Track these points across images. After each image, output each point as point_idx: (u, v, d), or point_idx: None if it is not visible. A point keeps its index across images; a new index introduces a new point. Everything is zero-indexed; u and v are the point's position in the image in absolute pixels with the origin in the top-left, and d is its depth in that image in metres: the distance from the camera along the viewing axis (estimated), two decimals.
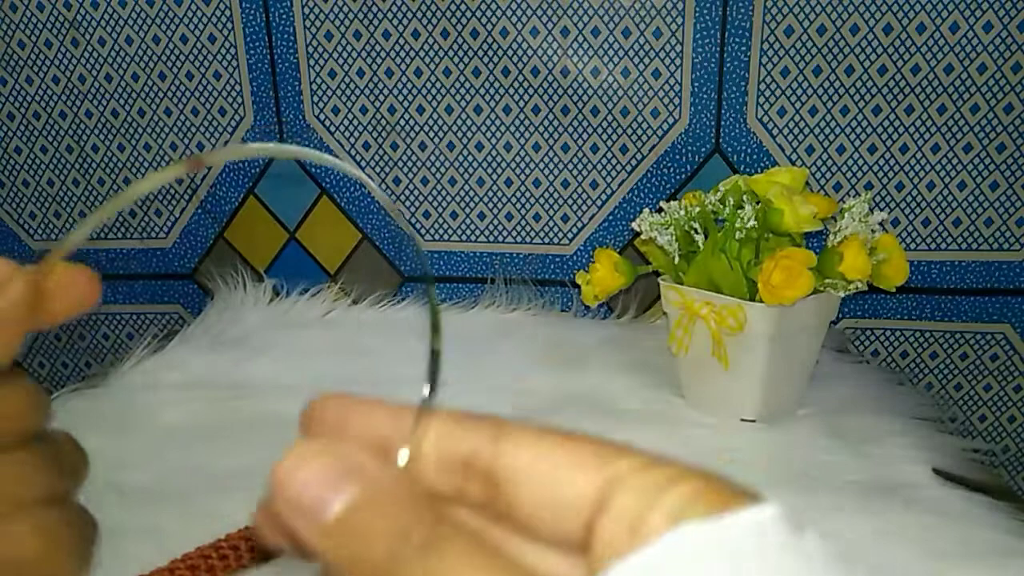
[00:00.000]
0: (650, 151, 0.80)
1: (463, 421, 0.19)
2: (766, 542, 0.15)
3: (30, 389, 0.23)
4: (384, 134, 0.81)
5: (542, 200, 0.84)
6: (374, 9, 0.79)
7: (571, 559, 0.17)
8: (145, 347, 0.73)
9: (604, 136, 0.80)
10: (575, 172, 0.83)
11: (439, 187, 0.85)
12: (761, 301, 0.55)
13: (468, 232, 0.86)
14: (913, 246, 0.80)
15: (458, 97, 0.82)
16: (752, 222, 0.56)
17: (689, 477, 0.16)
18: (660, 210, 0.62)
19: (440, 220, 0.86)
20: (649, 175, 0.81)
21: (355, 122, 0.84)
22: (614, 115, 0.79)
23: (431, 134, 0.83)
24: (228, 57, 0.83)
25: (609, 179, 0.82)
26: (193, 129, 0.86)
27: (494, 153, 0.83)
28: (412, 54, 0.81)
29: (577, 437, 0.18)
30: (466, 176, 0.84)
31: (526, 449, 0.18)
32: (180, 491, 0.50)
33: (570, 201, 0.84)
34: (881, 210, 0.78)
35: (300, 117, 0.84)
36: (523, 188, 0.84)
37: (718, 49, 0.76)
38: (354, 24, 0.80)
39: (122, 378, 0.68)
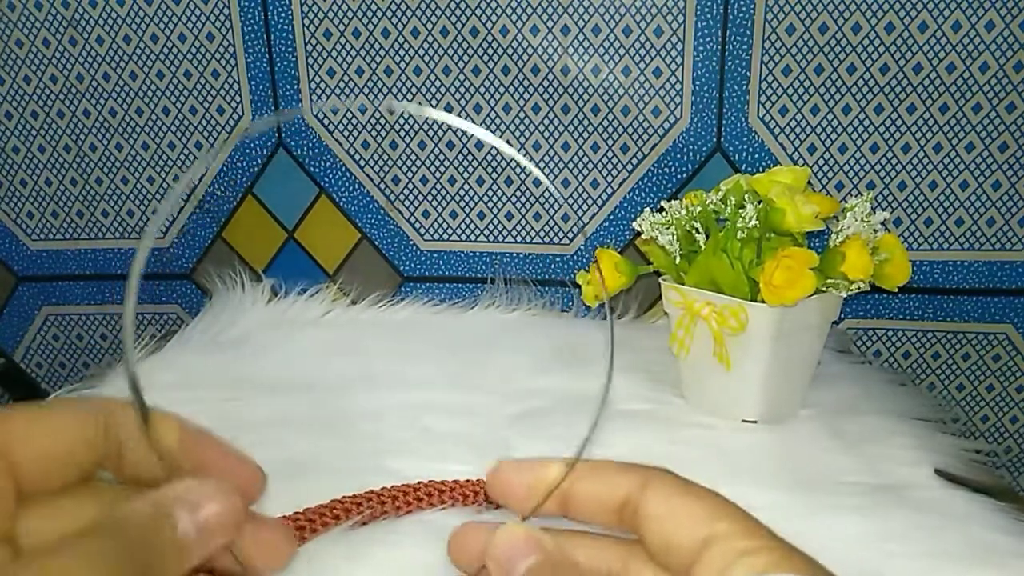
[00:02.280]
0: (651, 150, 0.80)
1: (620, 470, 0.25)
2: None
3: None
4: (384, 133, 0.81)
5: (542, 199, 0.84)
6: (373, 7, 0.79)
7: None
8: (143, 347, 0.73)
9: (605, 135, 0.80)
10: (575, 171, 0.82)
11: (439, 186, 0.85)
12: (763, 301, 0.55)
13: (468, 232, 0.86)
14: (915, 246, 0.80)
15: (458, 96, 0.81)
16: (754, 222, 0.55)
17: (771, 550, 0.21)
18: (661, 209, 0.62)
19: (440, 220, 0.86)
20: (650, 174, 0.81)
21: (354, 121, 0.83)
22: (615, 114, 0.79)
23: (430, 133, 0.83)
24: (227, 56, 0.82)
25: (610, 178, 0.82)
26: (191, 128, 0.86)
27: (494, 152, 0.83)
28: (411, 52, 0.80)
29: (701, 493, 0.23)
30: (466, 175, 0.84)
31: (661, 498, 0.23)
32: None
33: (570, 201, 0.83)
34: (883, 209, 0.77)
35: (299, 116, 0.84)
36: (523, 187, 0.84)
37: (719, 48, 0.76)
38: (353, 22, 0.80)
39: (120, 378, 0.67)
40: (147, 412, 0.22)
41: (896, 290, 0.59)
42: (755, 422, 0.60)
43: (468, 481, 0.49)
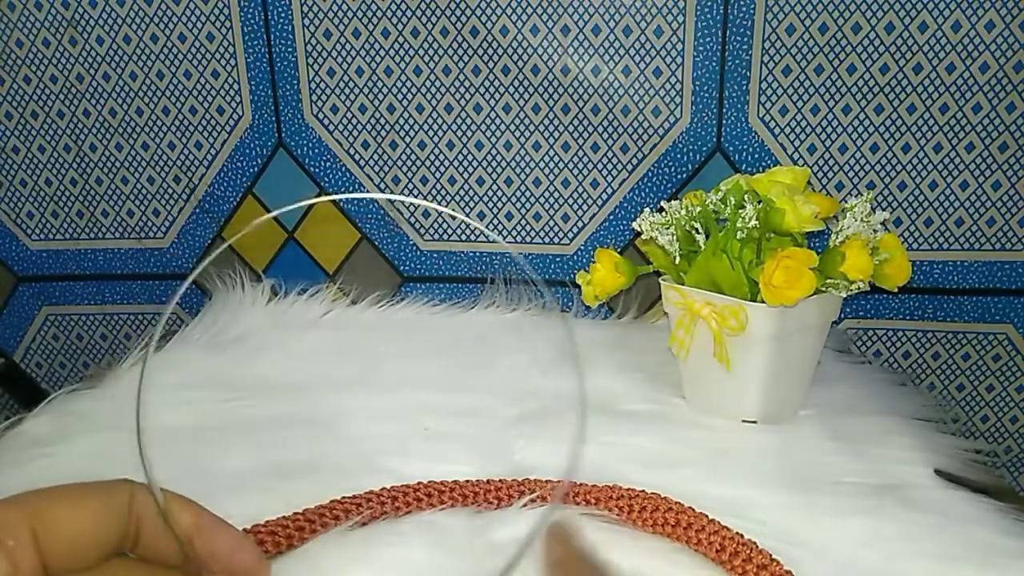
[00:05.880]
0: (651, 150, 0.80)
1: None
2: None
3: None
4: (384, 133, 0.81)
5: (542, 199, 0.84)
6: (373, 7, 0.79)
7: None
8: (143, 348, 0.73)
9: (605, 135, 0.80)
10: (575, 171, 0.82)
11: (439, 186, 0.85)
12: (762, 301, 0.55)
13: (468, 232, 0.86)
14: (915, 246, 0.80)
15: (458, 96, 0.81)
16: (753, 222, 0.55)
17: None
18: (661, 210, 0.61)
19: (440, 220, 0.86)
20: (650, 174, 0.81)
21: (354, 121, 0.83)
22: (615, 114, 0.79)
23: (431, 133, 0.83)
24: (226, 56, 0.82)
25: (610, 178, 0.82)
26: (191, 128, 0.85)
27: (494, 152, 0.83)
28: (411, 52, 0.80)
29: None
30: (466, 175, 0.84)
31: None
32: (180, 492, 0.49)
33: (570, 200, 0.83)
34: (883, 210, 0.77)
35: (299, 116, 0.83)
36: (523, 187, 0.84)
37: (719, 48, 0.75)
38: (353, 22, 0.80)
39: (120, 379, 0.67)
40: (162, 499, 0.23)
41: (896, 290, 0.59)
42: (755, 422, 0.60)
43: (468, 481, 0.49)
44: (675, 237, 0.60)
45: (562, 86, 0.79)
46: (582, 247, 0.85)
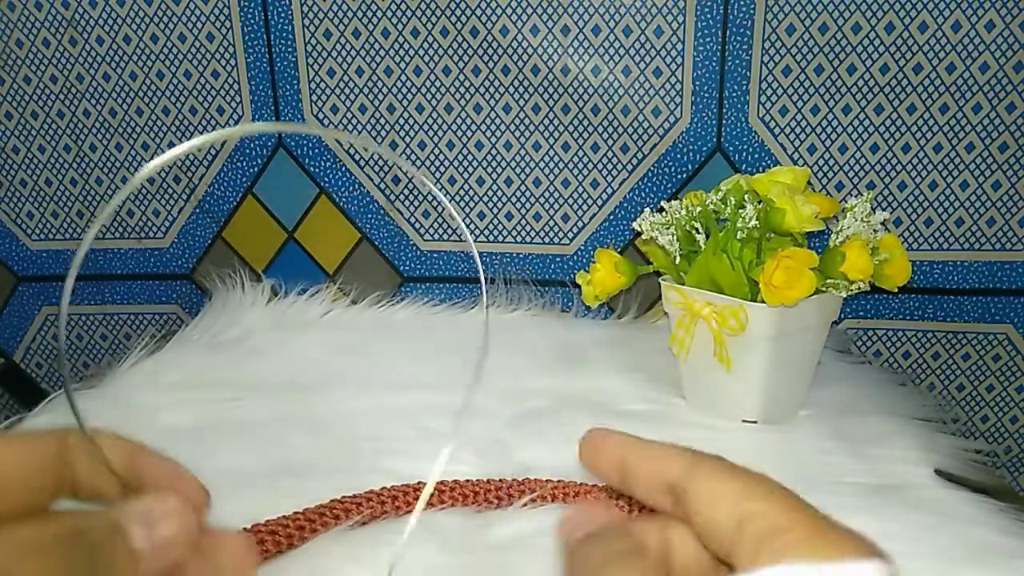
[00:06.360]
0: (651, 150, 0.80)
1: (674, 452, 0.26)
2: None
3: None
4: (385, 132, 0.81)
5: (542, 200, 0.84)
6: (373, 7, 0.79)
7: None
8: (143, 348, 0.73)
9: (605, 135, 0.80)
10: (575, 171, 0.82)
11: (438, 186, 0.85)
12: (763, 301, 0.55)
13: (468, 231, 0.86)
14: (915, 246, 0.80)
15: (458, 96, 0.81)
16: (754, 222, 0.55)
17: (803, 528, 0.21)
18: (661, 210, 0.62)
19: (440, 219, 0.86)
20: (650, 174, 0.81)
21: (354, 121, 0.83)
22: (615, 114, 0.79)
23: (430, 133, 0.83)
24: (227, 56, 0.82)
25: (610, 178, 0.82)
26: (191, 128, 0.85)
27: (494, 152, 0.83)
28: (411, 53, 0.80)
29: (742, 475, 0.24)
30: (466, 175, 0.84)
31: (704, 482, 0.24)
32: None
33: (570, 201, 0.83)
34: (883, 210, 0.77)
35: (299, 116, 0.83)
36: (523, 187, 0.84)
37: (719, 47, 0.75)
38: (353, 22, 0.80)
39: (120, 379, 0.67)
40: (87, 430, 0.23)
41: (896, 290, 0.59)
42: (755, 422, 0.60)
43: (468, 481, 0.49)
44: (675, 237, 0.60)
45: (562, 86, 0.79)
46: (582, 247, 0.85)
